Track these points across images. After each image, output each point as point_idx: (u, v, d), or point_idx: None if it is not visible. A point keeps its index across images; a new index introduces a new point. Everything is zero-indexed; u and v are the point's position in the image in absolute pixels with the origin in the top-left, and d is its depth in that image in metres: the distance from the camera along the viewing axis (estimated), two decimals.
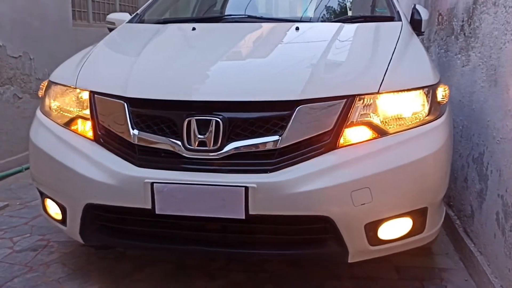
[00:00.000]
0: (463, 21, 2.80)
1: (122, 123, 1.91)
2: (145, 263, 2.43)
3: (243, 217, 1.75)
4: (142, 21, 2.94)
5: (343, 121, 1.84)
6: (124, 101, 1.92)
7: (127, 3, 6.24)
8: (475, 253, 2.29)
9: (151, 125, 1.88)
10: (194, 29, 2.52)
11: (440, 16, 3.38)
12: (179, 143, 1.82)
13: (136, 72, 2.06)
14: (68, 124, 2.08)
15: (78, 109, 2.08)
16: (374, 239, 1.86)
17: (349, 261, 1.88)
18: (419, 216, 1.93)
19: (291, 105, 1.80)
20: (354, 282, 2.28)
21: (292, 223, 1.82)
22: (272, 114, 1.81)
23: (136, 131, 1.87)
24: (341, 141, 1.83)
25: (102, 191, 1.87)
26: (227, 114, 1.80)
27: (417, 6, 2.98)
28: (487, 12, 2.35)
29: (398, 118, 1.92)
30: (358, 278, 2.31)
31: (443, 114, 2.01)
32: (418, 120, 1.93)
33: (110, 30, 3.31)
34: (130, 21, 2.96)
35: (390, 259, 2.39)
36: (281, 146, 1.78)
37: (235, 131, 1.80)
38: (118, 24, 3.23)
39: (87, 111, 2.04)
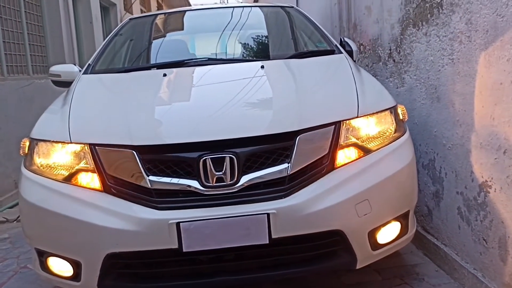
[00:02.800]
0: (390, 49, 3.25)
1: (134, 170, 1.98)
2: None
3: (267, 242, 1.91)
4: (96, 72, 2.98)
5: (335, 144, 2.09)
6: (132, 149, 1.99)
7: (37, 53, 6.05)
8: (440, 246, 2.66)
9: (164, 169, 1.97)
10: (165, 75, 2.65)
11: (362, 46, 3.84)
12: (196, 182, 1.94)
13: (134, 120, 2.14)
14: (68, 179, 2.08)
15: (76, 163, 2.09)
16: (375, 244, 2.12)
17: (357, 268, 2.11)
18: (404, 219, 2.24)
19: (292, 135, 2.02)
20: None
21: (307, 240, 2.01)
22: (278, 145, 2.01)
23: (151, 177, 1.95)
24: (337, 162, 2.09)
25: (125, 239, 1.91)
26: (238, 150, 1.96)
27: (346, 39, 3.39)
28: (418, 42, 2.78)
29: (375, 137, 2.22)
30: (349, 285, 2.55)
31: (406, 130, 2.36)
32: (390, 137, 2.25)
33: (55, 82, 3.30)
34: (86, 72, 2.99)
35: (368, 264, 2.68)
36: (290, 172, 1.98)
37: (246, 164, 1.97)
38: (64, 76, 3.24)
39: (89, 164, 2.06)
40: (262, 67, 2.69)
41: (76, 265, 2.03)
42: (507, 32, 1.93)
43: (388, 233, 2.18)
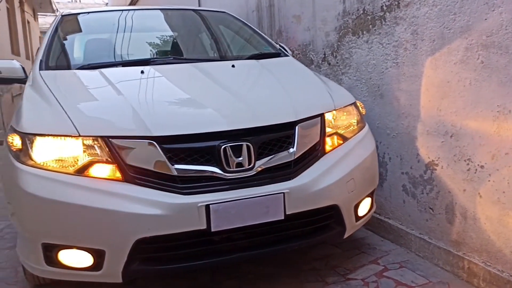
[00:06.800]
0: (325, 54, 3.71)
1: (156, 160, 2.10)
2: None
3: (283, 217, 2.19)
4: (51, 68, 2.93)
5: (323, 133, 2.45)
6: (153, 140, 2.11)
7: None
8: (384, 219, 3.17)
9: (184, 157, 2.13)
10: (142, 72, 2.74)
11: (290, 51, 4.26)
12: (217, 167, 2.14)
13: (145, 111, 2.24)
14: (81, 171, 2.11)
15: (88, 156, 2.13)
16: (357, 217, 2.51)
17: (344, 237, 2.48)
18: (372, 196, 2.68)
19: (293, 125, 2.32)
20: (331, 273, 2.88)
21: (309, 215, 2.32)
22: (282, 134, 2.30)
23: (177, 165, 2.09)
24: (326, 148, 2.44)
25: (156, 223, 2.03)
26: (252, 138, 2.20)
27: (281, 44, 3.78)
28: (358, 48, 3.27)
29: (347, 127, 2.63)
30: (317, 259, 2.91)
31: (365, 122, 2.81)
32: (357, 127, 2.68)
33: None
34: (41, 68, 2.91)
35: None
36: (295, 157, 2.29)
37: (258, 151, 2.22)
38: (6, 72, 3.12)
39: (102, 156, 2.12)
40: (233, 66, 2.93)
41: (98, 254, 2.07)
42: (454, 41, 2.46)
43: (364, 207, 2.59)
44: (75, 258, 2.12)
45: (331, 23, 3.58)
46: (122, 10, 3.89)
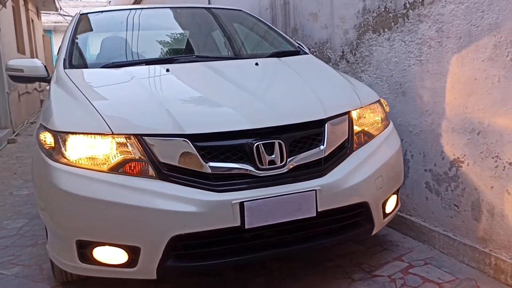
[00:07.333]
0: (343, 52, 3.71)
1: (190, 157, 2.10)
2: None
3: (315, 214, 2.19)
4: (75, 67, 2.94)
5: (351, 131, 2.46)
6: (186, 138, 2.12)
7: None
8: (405, 216, 3.17)
9: (217, 155, 2.14)
10: (168, 70, 2.75)
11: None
12: (250, 165, 2.15)
13: (176, 109, 2.24)
14: (115, 169, 2.12)
15: (121, 154, 2.14)
16: (384, 214, 2.52)
17: (371, 234, 2.49)
18: (397, 193, 2.69)
19: (323, 122, 2.33)
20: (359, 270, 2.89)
21: (339, 212, 2.33)
22: (312, 131, 2.31)
23: (211, 163, 2.10)
24: (354, 145, 2.45)
25: (192, 220, 2.04)
26: (283, 136, 2.21)
27: (299, 42, 3.78)
28: (379, 45, 3.28)
29: (373, 125, 2.64)
30: (340, 256, 2.92)
31: (390, 120, 2.82)
32: (383, 125, 2.68)
33: (14, 77, 3.18)
34: (65, 67, 2.92)
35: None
36: (326, 154, 2.29)
37: (289, 148, 2.23)
38: (28, 71, 3.13)
39: (134, 154, 2.13)
40: (257, 64, 2.94)
41: (132, 251, 2.09)
42: (482, 39, 2.47)
43: (391, 204, 2.60)
44: (110, 255, 2.13)
45: (350, 21, 3.58)
46: (141, 8, 3.90)
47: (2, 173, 5.89)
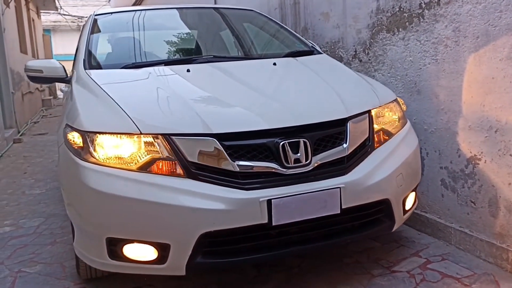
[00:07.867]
0: (355, 51, 3.76)
1: (218, 156, 2.15)
2: None
3: (339, 212, 2.24)
4: (94, 67, 2.98)
5: (372, 129, 2.50)
6: (213, 137, 2.16)
7: None
8: (420, 213, 3.22)
9: (244, 154, 2.18)
10: (188, 70, 2.79)
11: None
12: (276, 163, 2.19)
13: (201, 109, 2.29)
14: (144, 168, 2.16)
15: (150, 153, 2.18)
16: (404, 210, 2.57)
17: (392, 231, 2.54)
18: (416, 190, 2.73)
19: (345, 121, 2.38)
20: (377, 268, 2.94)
21: (363, 209, 2.37)
22: (335, 130, 2.35)
23: (238, 162, 2.15)
24: (375, 143, 2.49)
25: (221, 218, 2.08)
26: (308, 134, 2.26)
27: (311, 42, 3.83)
28: (393, 45, 3.32)
29: (392, 123, 2.68)
30: (358, 252, 2.96)
31: (407, 118, 2.86)
32: (400, 123, 2.73)
33: (33, 78, 3.22)
34: (85, 68, 2.96)
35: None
36: (348, 152, 2.34)
37: (313, 147, 2.28)
38: (47, 72, 3.17)
39: (162, 153, 2.17)
40: (275, 64, 2.98)
41: (162, 248, 2.13)
42: (499, 38, 2.52)
43: (410, 201, 2.65)
44: (140, 252, 2.17)
45: (363, 20, 3.62)
46: (155, 9, 3.94)
47: (11, 172, 5.92)
